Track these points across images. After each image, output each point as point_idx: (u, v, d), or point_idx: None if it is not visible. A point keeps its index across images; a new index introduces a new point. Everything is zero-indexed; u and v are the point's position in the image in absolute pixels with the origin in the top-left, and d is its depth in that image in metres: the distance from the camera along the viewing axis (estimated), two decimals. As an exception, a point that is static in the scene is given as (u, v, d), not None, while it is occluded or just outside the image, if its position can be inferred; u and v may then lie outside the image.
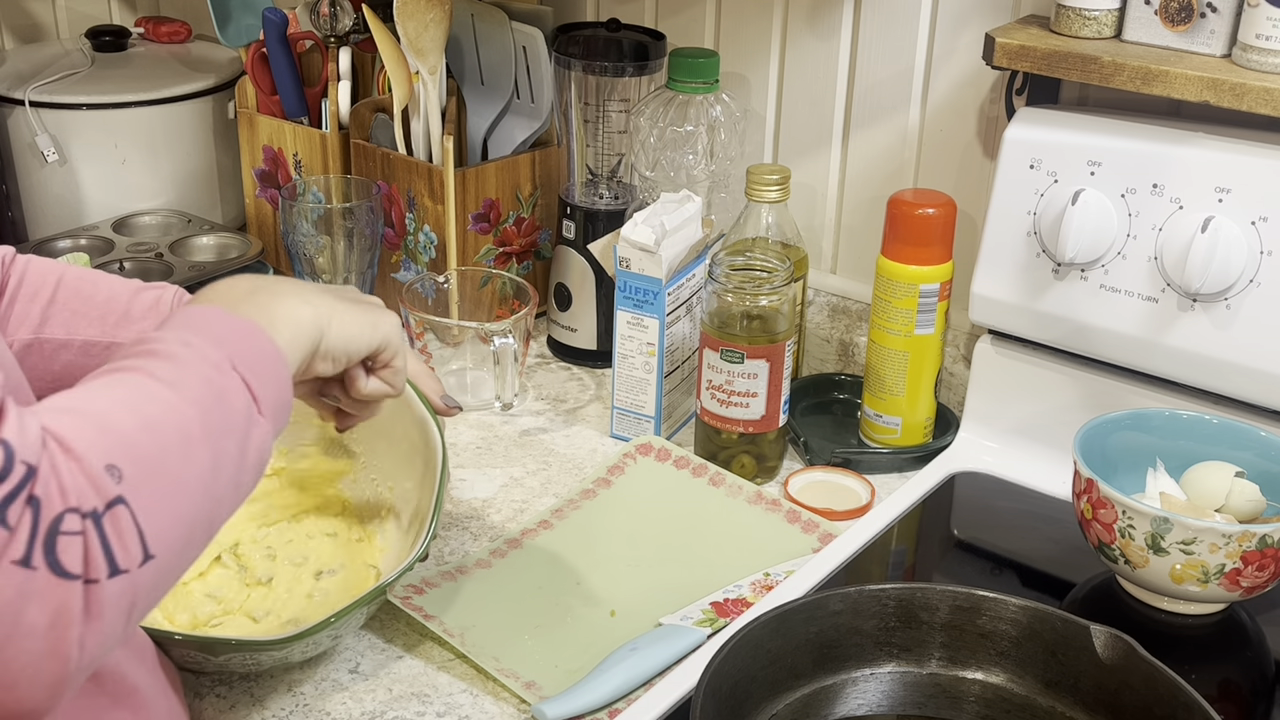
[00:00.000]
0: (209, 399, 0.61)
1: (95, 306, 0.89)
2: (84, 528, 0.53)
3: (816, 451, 1.14)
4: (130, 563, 0.55)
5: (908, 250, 1.09)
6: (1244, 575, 0.88)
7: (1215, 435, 0.98)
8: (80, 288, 0.89)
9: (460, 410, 0.97)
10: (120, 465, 0.55)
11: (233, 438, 0.62)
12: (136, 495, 0.56)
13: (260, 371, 0.65)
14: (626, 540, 1.03)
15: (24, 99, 1.45)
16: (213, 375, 0.62)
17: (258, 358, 0.65)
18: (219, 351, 0.63)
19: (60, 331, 0.88)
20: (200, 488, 0.59)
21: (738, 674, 0.78)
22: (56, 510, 0.53)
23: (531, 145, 1.34)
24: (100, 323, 0.89)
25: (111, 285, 0.91)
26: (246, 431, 0.63)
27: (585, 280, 1.29)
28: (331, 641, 0.86)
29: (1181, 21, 1.00)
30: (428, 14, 1.24)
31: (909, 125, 1.22)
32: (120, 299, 0.91)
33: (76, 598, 0.53)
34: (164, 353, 0.62)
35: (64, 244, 1.40)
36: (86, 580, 0.53)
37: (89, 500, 0.54)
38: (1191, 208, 0.98)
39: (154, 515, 0.56)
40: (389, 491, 0.98)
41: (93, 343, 0.88)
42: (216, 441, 0.60)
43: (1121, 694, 0.78)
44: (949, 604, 0.83)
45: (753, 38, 1.28)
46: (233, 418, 0.62)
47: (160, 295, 0.92)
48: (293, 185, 1.27)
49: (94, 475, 0.54)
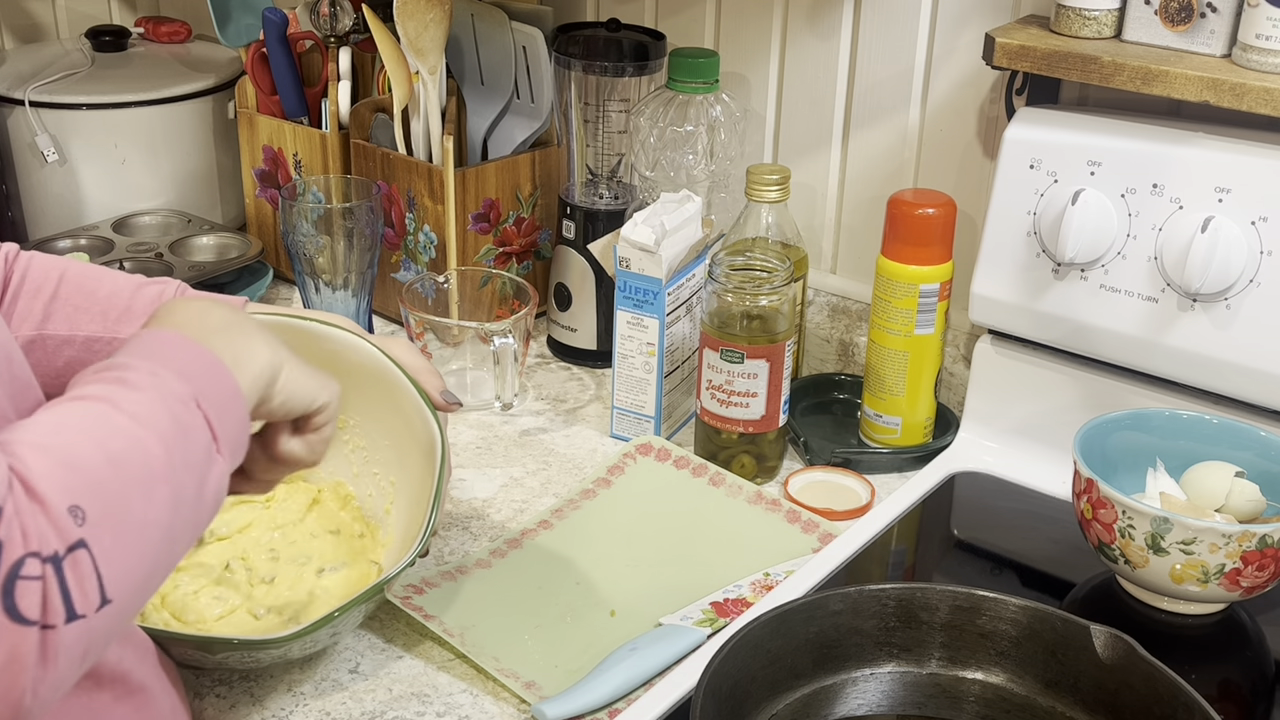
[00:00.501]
0: (173, 434, 0.60)
1: (98, 302, 0.89)
2: (44, 572, 0.52)
3: (816, 451, 1.14)
4: (88, 608, 0.54)
5: (908, 250, 1.09)
6: (1244, 575, 0.88)
7: (1215, 435, 0.98)
8: (83, 284, 0.89)
9: (460, 406, 0.97)
10: (84, 506, 0.54)
11: (193, 474, 0.61)
12: (98, 538, 0.55)
13: (222, 410, 0.64)
14: (626, 540, 1.03)
15: (24, 99, 1.45)
16: (178, 410, 0.61)
17: (220, 395, 0.65)
18: (185, 386, 0.62)
19: (63, 328, 0.88)
20: (160, 528, 0.58)
21: (738, 674, 0.78)
22: (17, 554, 0.51)
23: (531, 145, 1.34)
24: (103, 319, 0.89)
25: (114, 281, 0.91)
26: (206, 469, 0.62)
27: (585, 280, 1.29)
28: (331, 639, 0.86)
29: (1181, 21, 1.00)
30: (428, 14, 1.24)
31: (909, 125, 1.22)
32: (123, 295, 0.90)
33: (32, 644, 0.52)
34: (132, 382, 0.61)
35: (64, 244, 1.40)
36: (43, 626, 0.52)
37: (50, 544, 0.53)
38: (1191, 208, 0.98)
39: (114, 559, 0.55)
40: (391, 486, 0.98)
41: (95, 338, 0.88)
42: (178, 477, 0.60)
43: (1121, 694, 0.78)
44: (949, 604, 0.83)
45: (753, 38, 1.28)
46: (194, 454, 0.61)
47: (163, 290, 0.92)
48: (293, 185, 1.27)
49: (57, 518, 0.53)
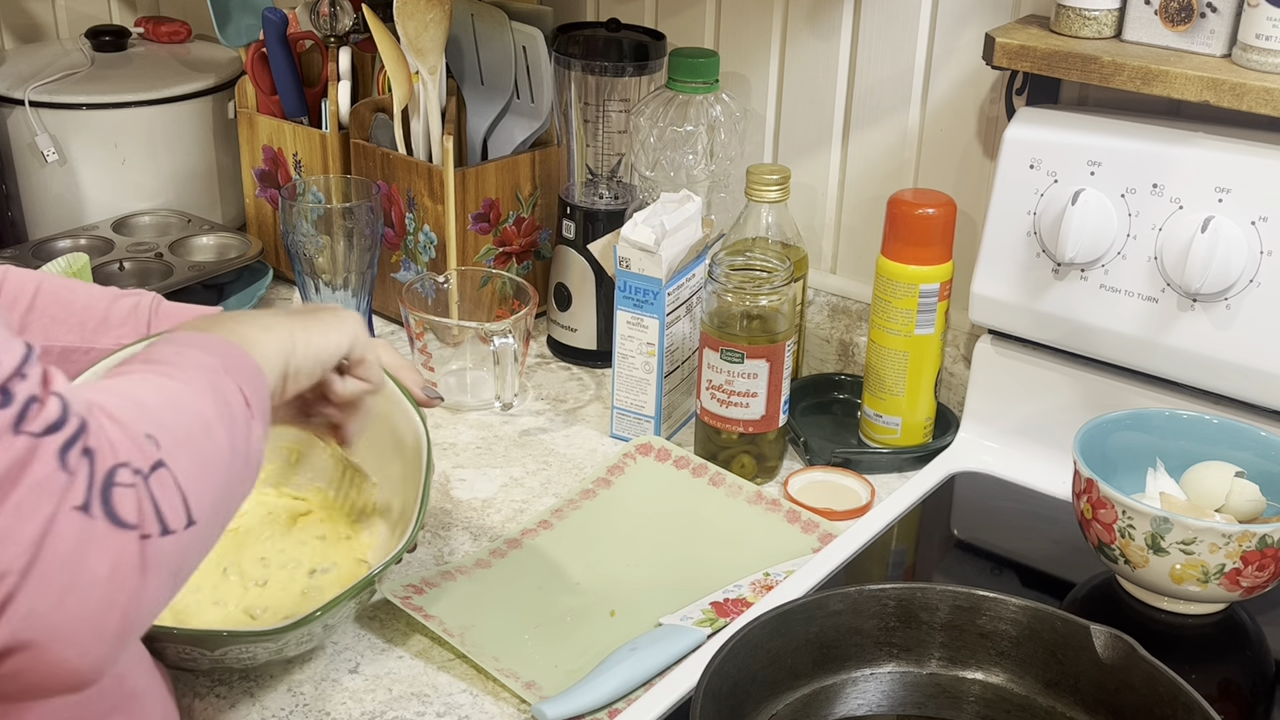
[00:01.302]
0: (214, 394, 0.63)
1: (74, 313, 0.90)
2: (135, 481, 0.55)
3: (816, 451, 1.14)
4: (177, 523, 0.57)
5: (908, 250, 1.09)
6: (1244, 575, 0.88)
7: (1215, 435, 0.98)
8: (59, 294, 0.90)
9: (441, 401, 0.97)
10: (157, 435, 0.57)
11: (239, 430, 0.64)
12: (176, 461, 0.58)
13: (248, 379, 0.67)
14: (626, 540, 1.03)
15: (24, 99, 1.45)
16: (212, 377, 0.64)
17: (244, 368, 0.68)
18: (212, 358, 0.66)
19: (39, 338, 0.88)
20: (224, 465, 0.62)
21: (738, 674, 0.78)
22: (110, 463, 0.54)
23: (531, 145, 1.34)
24: (79, 329, 0.89)
25: (89, 292, 0.92)
26: (248, 427, 0.65)
27: (585, 280, 1.29)
28: (325, 633, 0.86)
29: (1181, 21, 1.00)
30: (428, 14, 1.24)
31: (909, 125, 1.22)
32: (98, 305, 0.91)
33: (133, 549, 0.54)
34: (164, 358, 0.64)
35: (64, 244, 1.40)
36: (141, 534, 0.55)
37: (136, 459, 0.56)
38: (1191, 208, 0.98)
39: (192, 482, 0.58)
40: (373, 487, 0.98)
41: (72, 349, 0.89)
42: (229, 427, 0.63)
43: (1121, 694, 0.78)
44: (949, 604, 0.83)
45: (753, 38, 1.28)
46: (236, 413, 0.64)
47: (138, 301, 0.93)
48: (293, 185, 1.27)
49: (138, 439, 0.56)
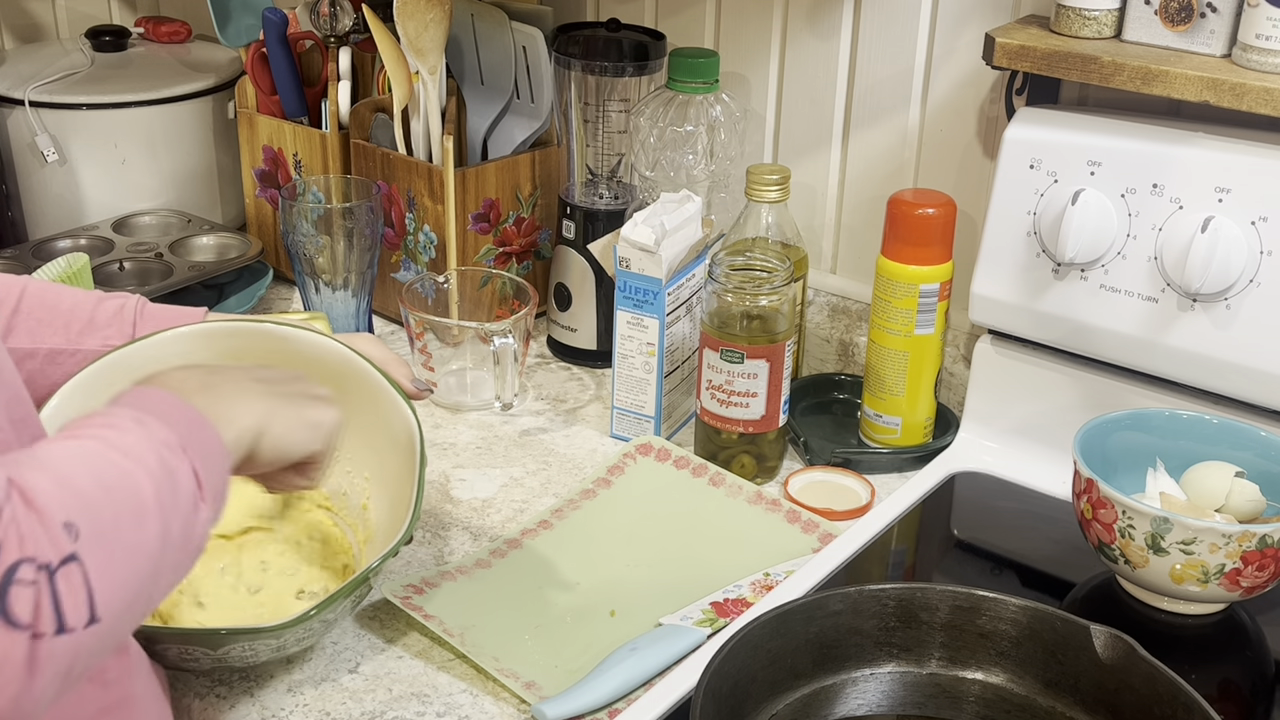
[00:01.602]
0: (160, 475, 0.60)
1: (59, 315, 0.90)
2: (38, 579, 0.52)
3: (816, 451, 1.14)
4: (77, 622, 0.54)
5: (908, 250, 1.09)
6: (1244, 575, 0.88)
7: (1215, 435, 0.98)
8: (44, 298, 0.90)
9: (431, 392, 0.97)
10: (78, 523, 0.54)
11: (179, 516, 0.61)
12: (90, 555, 0.54)
13: (207, 459, 0.64)
14: (626, 540, 1.03)
15: (24, 99, 1.45)
16: (165, 454, 0.61)
17: (205, 447, 0.65)
18: (171, 433, 0.62)
19: (25, 340, 0.88)
20: (148, 558, 0.58)
21: (738, 674, 0.78)
22: (14, 558, 0.51)
23: (531, 145, 1.34)
24: (65, 331, 0.89)
25: (74, 295, 0.92)
26: (192, 513, 0.62)
27: (585, 280, 1.29)
28: (325, 629, 0.86)
29: (1181, 21, 1.00)
30: (428, 14, 1.24)
31: (909, 125, 1.22)
32: (84, 307, 0.91)
33: (21, 650, 0.52)
34: (120, 426, 0.61)
35: (64, 244, 1.40)
36: (34, 634, 0.52)
37: (45, 553, 0.53)
38: (1191, 208, 0.98)
39: (104, 578, 0.55)
40: (365, 482, 0.98)
41: (58, 350, 0.89)
42: (166, 515, 0.59)
43: (1121, 694, 0.78)
44: (949, 604, 0.83)
45: (753, 38, 1.28)
46: (181, 497, 0.61)
47: (123, 304, 0.93)
48: (293, 185, 1.27)
49: (52, 530, 0.53)
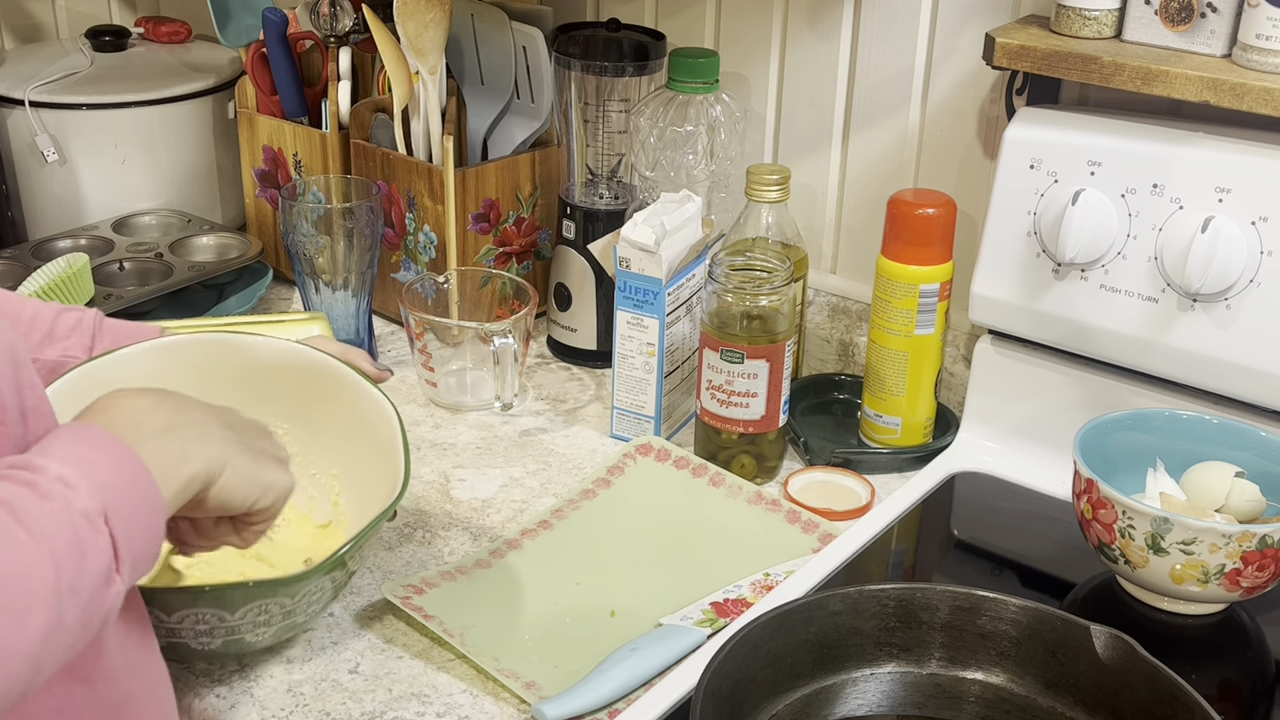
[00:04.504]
0: (68, 555, 0.57)
1: (22, 323, 0.90)
2: None
3: (816, 451, 1.14)
4: None
5: (908, 250, 1.09)
6: (1244, 575, 0.88)
7: (1215, 435, 0.98)
8: (4, 307, 0.90)
9: (392, 374, 0.99)
10: None
11: (79, 599, 0.58)
12: None
13: (132, 525, 0.61)
14: (626, 540, 1.03)
15: (24, 99, 1.45)
16: (81, 527, 0.58)
17: (136, 510, 0.62)
18: (97, 500, 0.59)
19: None
20: (25, 657, 0.55)
21: (738, 674, 0.78)
22: None
23: (531, 145, 1.34)
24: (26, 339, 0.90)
25: (35, 306, 0.92)
26: (98, 590, 0.59)
27: (585, 280, 1.29)
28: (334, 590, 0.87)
29: (1181, 21, 1.00)
30: (428, 14, 1.24)
31: (909, 125, 1.22)
32: (44, 318, 0.92)
33: None
34: (41, 489, 0.58)
35: (64, 244, 1.40)
36: None
37: None
38: (1191, 208, 0.98)
39: None
40: (334, 479, 0.98)
41: None
42: (61, 603, 0.56)
43: (1121, 694, 0.78)
44: (949, 604, 0.83)
45: (753, 38, 1.28)
46: (86, 578, 0.58)
47: (81, 317, 0.94)
48: (293, 185, 1.27)
49: None
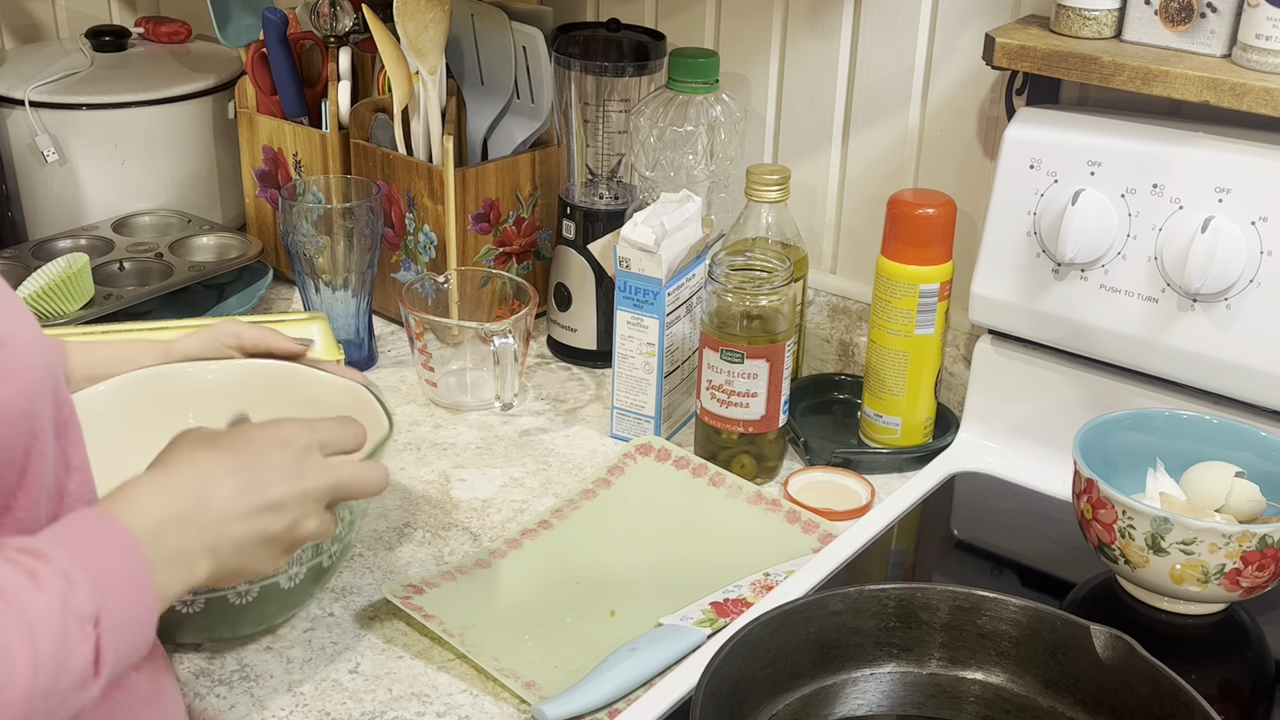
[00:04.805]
0: (50, 657, 0.57)
1: None
2: None
3: (816, 451, 1.14)
4: None
5: (908, 250, 1.09)
6: (1244, 575, 0.88)
7: (1215, 435, 0.98)
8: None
9: (312, 344, 0.99)
10: None
11: (50, 702, 0.58)
12: None
13: (121, 631, 0.61)
14: (626, 540, 1.03)
15: (24, 99, 1.45)
16: (71, 628, 0.58)
17: (129, 617, 0.62)
18: (91, 603, 0.60)
19: None
20: None
21: (738, 674, 0.78)
22: None
23: (531, 145, 1.34)
24: None
25: None
26: (67, 695, 0.59)
27: (585, 280, 1.29)
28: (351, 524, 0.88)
29: (1181, 21, 1.00)
30: (428, 14, 1.24)
31: (909, 125, 1.22)
32: None
33: None
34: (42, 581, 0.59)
35: (64, 244, 1.40)
36: None
37: None
38: (1191, 208, 0.98)
39: None
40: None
41: None
42: (32, 705, 0.56)
43: (1121, 694, 0.78)
44: (949, 604, 0.83)
45: (753, 38, 1.28)
46: (63, 681, 0.58)
47: None
48: (293, 185, 1.27)
49: None
